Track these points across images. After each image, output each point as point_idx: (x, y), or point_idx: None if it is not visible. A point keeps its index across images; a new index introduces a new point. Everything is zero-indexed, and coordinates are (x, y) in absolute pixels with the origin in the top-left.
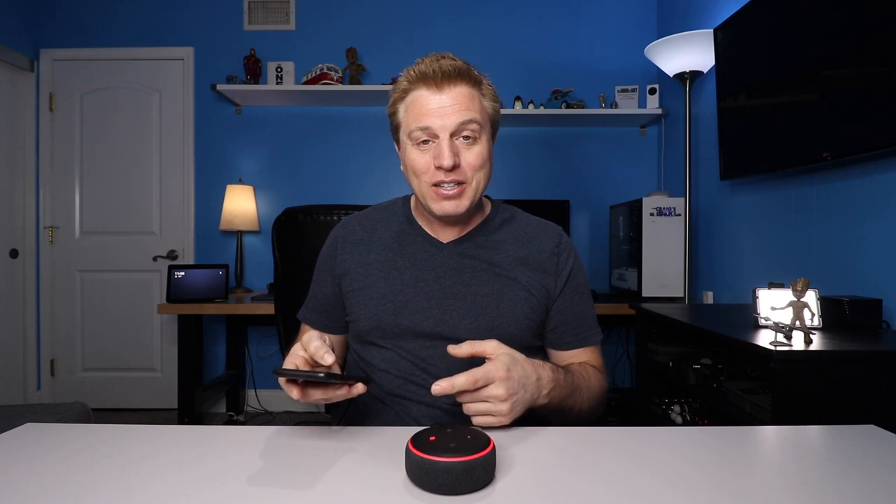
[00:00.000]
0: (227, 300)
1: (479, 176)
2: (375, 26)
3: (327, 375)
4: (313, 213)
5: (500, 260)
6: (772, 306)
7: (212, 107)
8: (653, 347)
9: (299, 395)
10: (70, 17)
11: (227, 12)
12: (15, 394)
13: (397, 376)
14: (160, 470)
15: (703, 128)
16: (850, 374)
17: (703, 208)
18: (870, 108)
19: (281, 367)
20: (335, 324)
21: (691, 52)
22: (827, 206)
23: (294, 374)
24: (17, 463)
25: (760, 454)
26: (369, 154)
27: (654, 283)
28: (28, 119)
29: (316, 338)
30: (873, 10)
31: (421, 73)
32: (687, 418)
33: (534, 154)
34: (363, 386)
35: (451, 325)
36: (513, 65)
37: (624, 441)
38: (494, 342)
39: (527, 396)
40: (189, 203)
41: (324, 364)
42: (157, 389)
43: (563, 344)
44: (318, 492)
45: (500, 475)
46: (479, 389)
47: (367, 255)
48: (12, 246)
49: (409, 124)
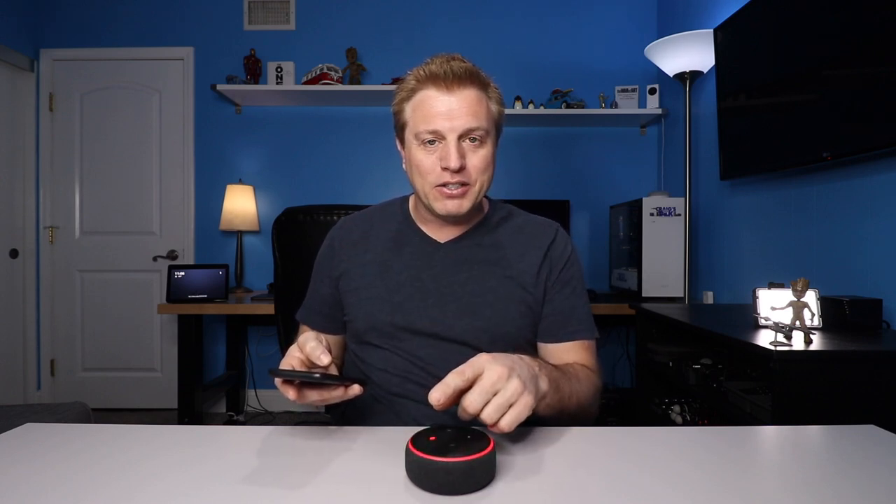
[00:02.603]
0: (227, 300)
1: (484, 178)
2: (375, 26)
3: (323, 376)
4: (313, 213)
5: (497, 259)
6: (772, 306)
7: (212, 107)
8: (653, 347)
9: (295, 396)
10: (70, 17)
11: (227, 12)
12: (15, 394)
13: (395, 375)
14: (160, 470)
15: (703, 128)
16: (850, 374)
17: (703, 208)
18: (870, 108)
19: (278, 368)
20: (333, 324)
21: (691, 52)
22: (827, 206)
23: (290, 374)
24: (17, 463)
25: (760, 454)
26: (369, 154)
27: (654, 283)
28: (28, 119)
29: (312, 338)
30: (873, 10)
31: (431, 74)
32: (687, 418)
33: (534, 154)
34: (359, 387)
35: (447, 324)
36: (513, 65)
37: (624, 441)
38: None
39: (525, 372)
40: (189, 203)
41: (320, 364)
42: (157, 389)
43: (550, 336)
44: (317, 492)
45: (500, 475)
46: (475, 384)
47: (365, 256)
48: (12, 246)
49: (417, 125)
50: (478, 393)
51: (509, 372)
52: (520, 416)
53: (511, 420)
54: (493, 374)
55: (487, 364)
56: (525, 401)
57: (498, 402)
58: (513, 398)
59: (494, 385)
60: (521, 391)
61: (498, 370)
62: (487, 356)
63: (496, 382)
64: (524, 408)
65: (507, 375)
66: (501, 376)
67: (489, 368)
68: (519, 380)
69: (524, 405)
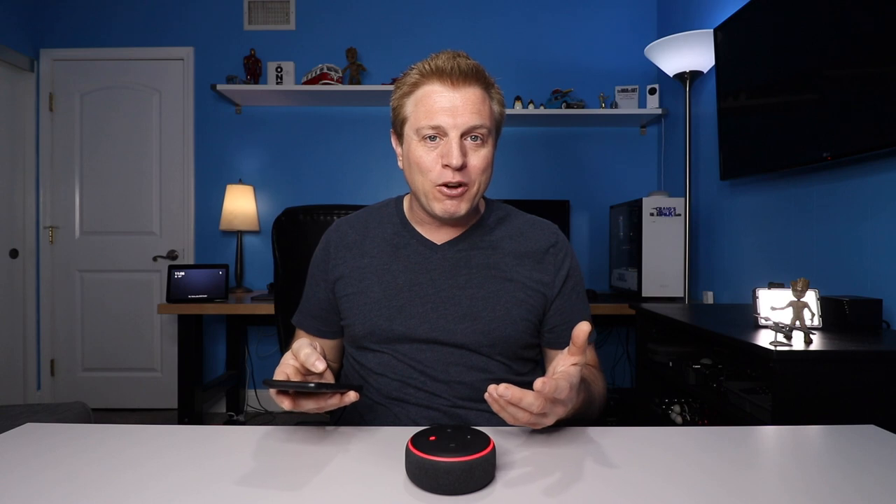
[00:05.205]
0: (227, 300)
1: (482, 179)
2: (375, 26)
3: (318, 386)
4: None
5: (496, 261)
6: (772, 306)
7: (212, 107)
8: (653, 347)
9: (291, 406)
10: (70, 17)
11: (227, 12)
12: (15, 394)
13: (394, 380)
14: (160, 470)
15: (703, 128)
16: (850, 374)
17: (703, 208)
18: (870, 108)
19: (272, 377)
20: (330, 328)
21: (691, 52)
22: (827, 206)
23: (284, 385)
24: (17, 463)
25: (760, 454)
26: (369, 154)
27: (654, 283)
28: (28, 119)
29: (306, 345)
30: (873, 11)
31: (437, 68)
32: (687, 418)
33: (534, 154)
34: (355, 394)
35: (447, 329)
36: (513, 65)
37: (624, 441)
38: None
39: (566, 409)
40: (189, 203)
41: (315, 371)
42: (157, 389)
43: (562, 344)
44: (317, 492)
45: (500, 475)
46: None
47: (361, 259)
48: (12, 246)
49: (419, 119)
50: (529, 407)
51: (557, 416)
52: (528, 423)
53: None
54: (551, 415)
55: (553, 405)
56: (543, 423)
57: (530, 421)
58: (541, 423)
59: (542, 412)
60: (547, 424)
61: (557, 412)
62: (566, 395)
63: (543, 412)
64: (538, 426)
65: (551, 417)
66: (549, 414)
67: (551, 412)
68: (555, 417)
69: (539, 425)
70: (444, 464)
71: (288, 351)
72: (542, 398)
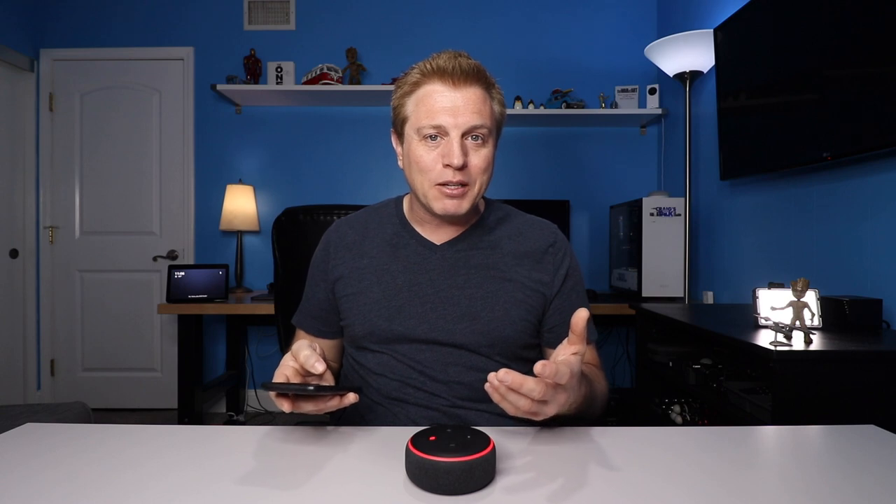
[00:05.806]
0: (227, 300)
1: (483, 179)
2: (375, 26)
3: (317, 388)
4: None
5: (495, 261)
6: (772, 306)
7: (212, 107)
8: (653, 347)
9: (290, 408)
10: (70, 17)
11: (227, 12)
12: (15, 394)
13: (394, 380)
14: (160, 470)
15: (703, 128)
16: (850, 374)
17: (703, 208)
18: (870, 108)
19: (272, 379)
20: (330, 329)
21: (691, 52)
22: (827, 206)
23: (284, 388)
24: (17, 463)
25: (760, 454)
26: (369, 154)
27: (654, 283)
28: (28, 119)
29: (306, 346)
30: (873, 10)
31: (438, 68)
32: (687, 418)
33: (534, 154)
34: (354, 395)
35: (447, 329)
36: (513, 65)
37: (624, 441)
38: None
39: (569, 400)
40: (189, 203)
41: (314, 373)
42: (157, 389)
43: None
44: (317, 491)
45: (500, 475)
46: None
47: (361, 260)
48: (12, 246)
49: (420, 119)
50: (530, 393)
51: (559, 406)
52: (530, 412)
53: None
54: (553, 403)
55: (555, 392)
56: (545, 413)
57: (531, 410)
58: (543, 412)
59: (543, 398)
60: (549, 414)
61: (559, 400)
62: (567, 380)
63: (545, 399)
64: (540, 415)
65: (553, 406)
66: (550, 402)
67: (553, 400)
68: (557, 406)
69: (541, 414)
70: (444, 464)
71: (288, 352)
72: (543, 384)
